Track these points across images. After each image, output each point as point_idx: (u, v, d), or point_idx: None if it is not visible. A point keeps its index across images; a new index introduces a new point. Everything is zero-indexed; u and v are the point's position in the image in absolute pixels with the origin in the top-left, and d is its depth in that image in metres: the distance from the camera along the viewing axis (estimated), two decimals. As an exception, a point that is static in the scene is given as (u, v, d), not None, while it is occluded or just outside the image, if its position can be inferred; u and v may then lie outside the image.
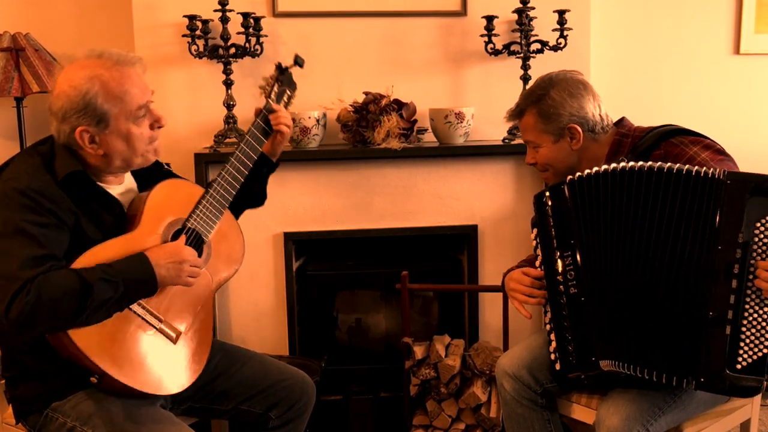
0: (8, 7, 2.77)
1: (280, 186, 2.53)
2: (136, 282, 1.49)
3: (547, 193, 1.70)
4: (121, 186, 1.67)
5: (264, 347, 2.56)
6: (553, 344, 1.71)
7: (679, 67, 2.96)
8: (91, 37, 2.79)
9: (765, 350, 1.49)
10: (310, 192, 2.55)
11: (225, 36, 2.43)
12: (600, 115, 1.81)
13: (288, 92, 1.93)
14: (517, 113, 1.88)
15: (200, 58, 2.45)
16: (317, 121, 2.46)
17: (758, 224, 1.48)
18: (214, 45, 2.45)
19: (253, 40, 2.45)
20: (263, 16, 2.48)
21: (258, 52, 2.47)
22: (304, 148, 2.47)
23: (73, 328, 1.44)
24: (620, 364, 1.61)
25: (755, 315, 1.50)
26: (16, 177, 1.49)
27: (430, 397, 2.36)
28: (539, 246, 1.73)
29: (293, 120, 2.43)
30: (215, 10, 2.41)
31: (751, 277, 1.49)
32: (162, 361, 1.58)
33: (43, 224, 1.46)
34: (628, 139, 1.80)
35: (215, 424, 2.12)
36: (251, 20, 2.44)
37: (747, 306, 1.50)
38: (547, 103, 1.79)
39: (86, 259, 1.48)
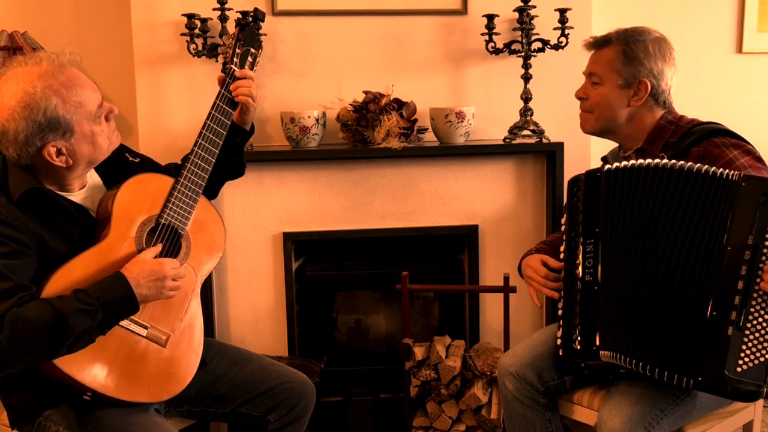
0: (6, 5, 2.76)
1: (280, 186, 2.52)
2: (115, 307, 1.44)
3: (582, 180, 1.71)
4: (84, 189, 1.59)
5: (263, 348, 2.54)
6: (561, 330, 1.72)
7: (681, 66, 2.88)
8: (88, 36, 2.77)
9: (767, 356, 1.47)
10: (310, 192, 2.53)
11: (224, 35, 2.41)
12: (669, 89, 1.84)
13: (252, 50, 1.80)
14: (601, 42, 1.87)
15: (199, 56, 2.43)
16: (317, 120, 2.45)
17: None
18: (212, 44, 2.43)
19: (252, 38, 2.44)
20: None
21: (257, 51, 2.45)
22: (304, 148, 2.46)
23: (54, 359, 1.40)
24: (620, 357, 1.61)
25: (760, 320, 1.48)
26: None
27: (430, 398, 2.35)
28: (566, 231, 1.74)
29: (292, 119, 2.42)
30: (214, 9, 2.40)
31: (758, 280, 1.47)
32: (154, 368, 1.56)
33: (4, 254, 1.39)
34: (672, 126, 1.82)
35: (214, 427, 2.11)
36: (250, 19, 2.41)
37: (752, 310, 1.48)
38: (638, 47, 1.80)
39: (59, 281, 1.42)
